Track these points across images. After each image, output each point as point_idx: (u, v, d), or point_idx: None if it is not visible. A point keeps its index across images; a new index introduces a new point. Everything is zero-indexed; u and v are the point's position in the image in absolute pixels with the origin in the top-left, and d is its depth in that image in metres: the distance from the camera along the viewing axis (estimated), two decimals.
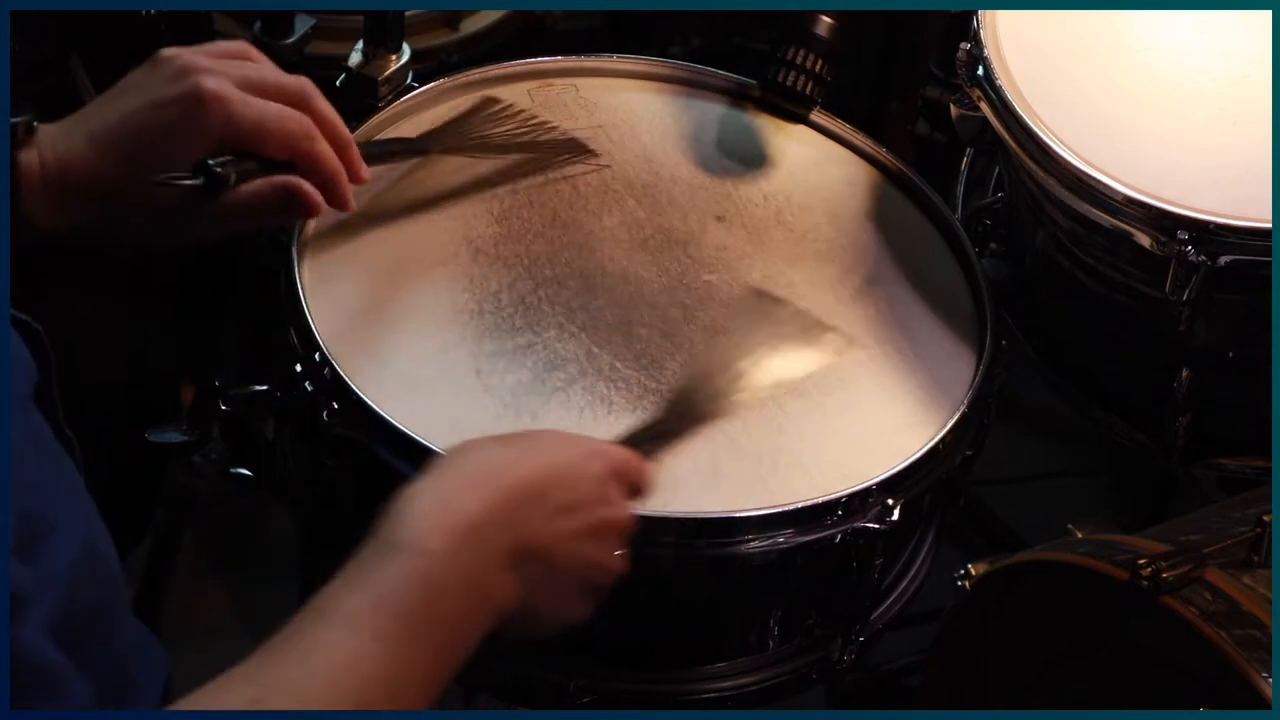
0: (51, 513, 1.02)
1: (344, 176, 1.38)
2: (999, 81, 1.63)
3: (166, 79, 1.30)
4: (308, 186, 1.35)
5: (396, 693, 1.04)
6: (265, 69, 1.36)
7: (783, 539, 1.37)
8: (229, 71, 1.32)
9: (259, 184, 1.33)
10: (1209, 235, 1.51)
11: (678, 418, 1.40)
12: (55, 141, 1.28)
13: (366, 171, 1.42)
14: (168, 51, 1.32)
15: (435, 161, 1.62)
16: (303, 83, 1.36)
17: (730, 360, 1.45)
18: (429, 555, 1.07)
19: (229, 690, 1.00)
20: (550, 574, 1.16)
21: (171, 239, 1.36)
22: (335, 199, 1.39)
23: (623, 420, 1.42)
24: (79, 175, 1.28)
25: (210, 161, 1.29)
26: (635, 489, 1.25)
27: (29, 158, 1.27)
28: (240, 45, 1.39)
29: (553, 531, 1.15)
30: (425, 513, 1.09)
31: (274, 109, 1.32)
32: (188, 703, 0.99)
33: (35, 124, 1.27)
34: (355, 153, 1.40)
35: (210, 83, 1.29)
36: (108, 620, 1.10)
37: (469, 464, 1.15)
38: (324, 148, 1.35)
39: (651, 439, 1.36)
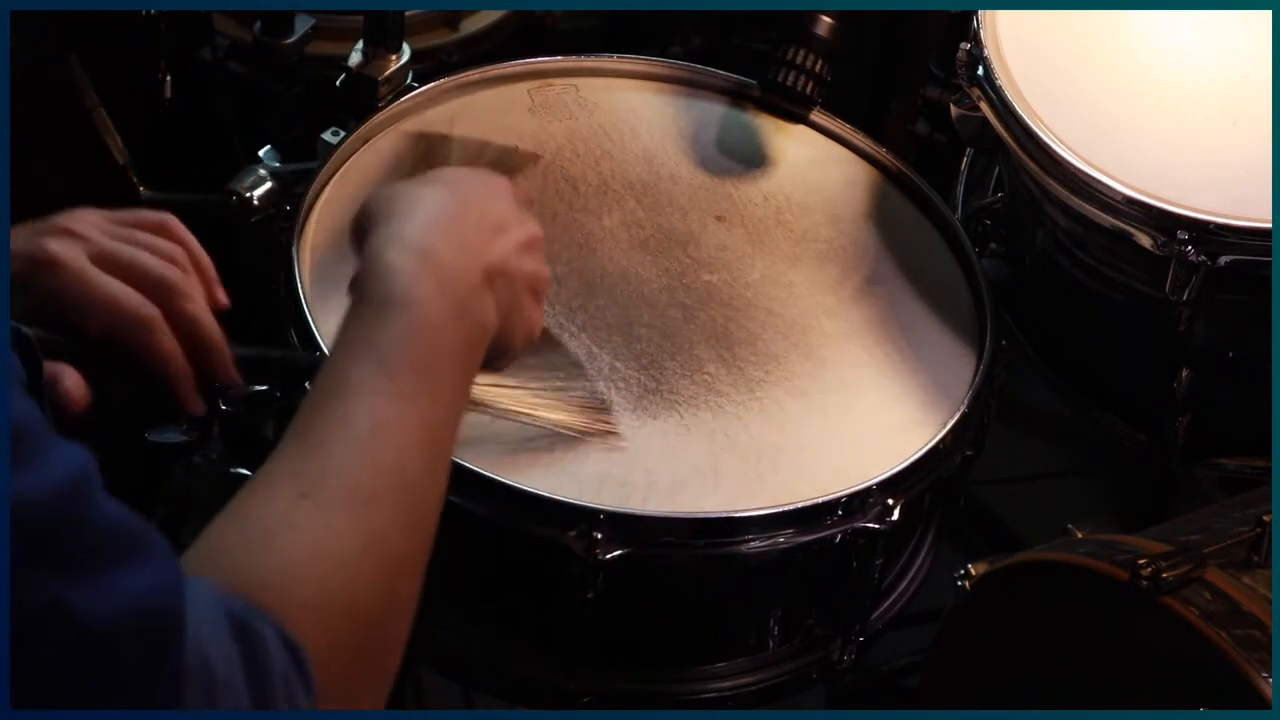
0: None
1: (185, 381, 1.21)
2: (999, 81, 1.63)
3: (32, 231, 1.17)
4: (66, 383, 1.15)
5: (431, 441, 1.06)
6: (139, 247, 1.19)
7: (783, 539, 1.37)
8: (91, 237, 1.17)
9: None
10: (1209, 235, 1.51)
11: None
12: None
13: (235, 378, 1.25)
14: (75, 210, 1.20)
15: (434, 161, 1.62)
16: (167, 274, 1.19)
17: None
18: (421, 302, 1.08)
19: (276, 490, 0.99)
20: (511, 289, 1.18)
21: None
22: (175, 398, 1.23)
23: (623, 420, 1.42)
24: None
25: (21, 327, 1.08)
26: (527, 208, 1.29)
27: None
28: (159, 218, 1.23)
29: (502, 250, 1.18)
30: (403, 263, 1.10)
31: (113, 289, 1.16)
32: (233, 512, 0.99)
33: None
34: (219, 357, 1.22)
35: (55, 246, 1.15)
36: None
37: (415, 208, 1.16)
38: (159, 343, 1.18)
39: None
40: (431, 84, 1.69)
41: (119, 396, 1.19)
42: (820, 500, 1.38)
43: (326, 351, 1.37)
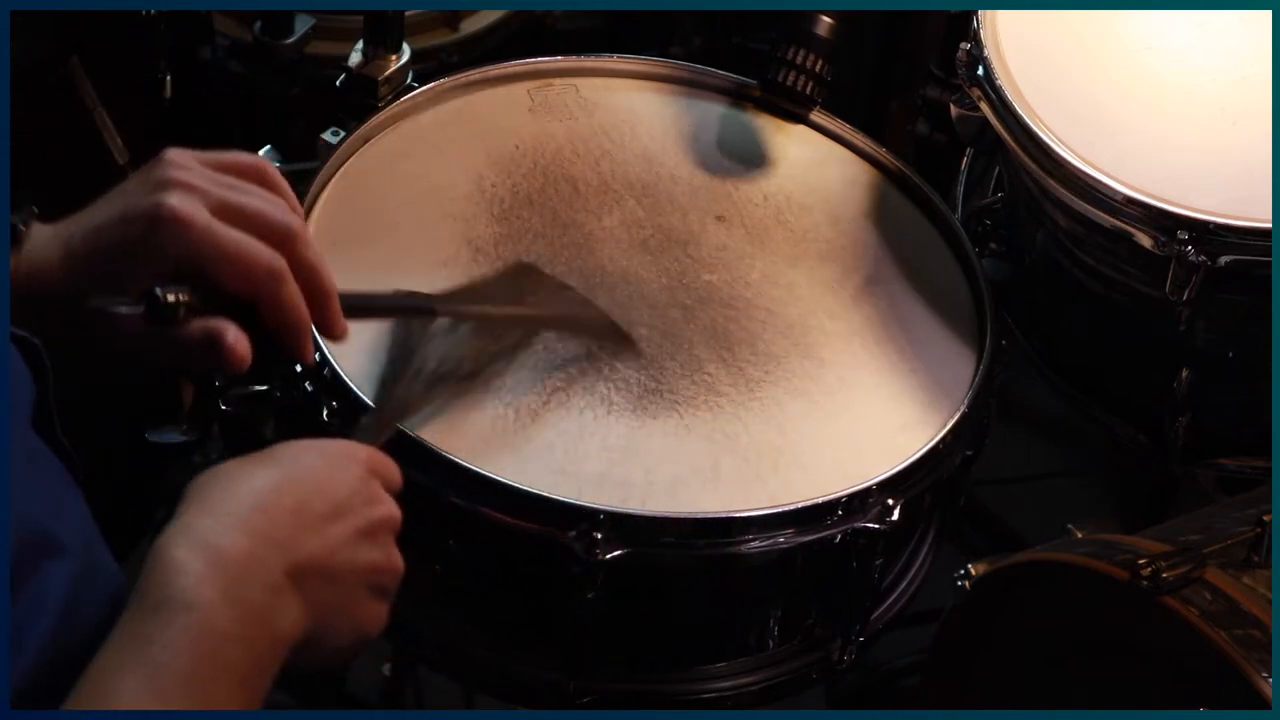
0: (54, 531, 1.02)
1: (307, 328, 1.20)
2: (999, 81, 1.63)
3: (143, 189, 1.16)
4: (229, 340, 1.15)
5: None
6: (254, 196, 1.18)
7: (783, 539, 1.37)
8: (209, 190, 1.16)
9: (193, 324, 1.14)
10: (1209, 235, 1.51)
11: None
12: (35, 247, 1.16)
13: (344, 327, 1.24)
14: (169, 153, 1.19)
15: (434, 163, 1.62)
16: (291, 222, 1.19)
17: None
18: (203, 607, 0.99)
19: None
20: (333, 587, 1.08)
21: (124, 371, 1.27)
22: (294, 348, 1.22)
23: (623, 420, 1.42)
24: (45, 288, 1.15)
25: (157, 289, 1.12)
26: (390, 484, 1.17)
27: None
28: (253, 161, 1.22)
29: (325, 543, 1.07)
30: (186, 562, 1.00)
31: (241, 241, 1.15)
32: None
33: (26, 225, 1.16)
34: (333, 307, 1.22)
35: (176, 200, 1.14)
36: (113, 625, 1.10)
37: (220, 496, 1.06)
38: (289, 293, 1.17)
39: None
40: (431, 84, 1.69)
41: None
42: (820, 500, 1.37)
43: (326, 349, 1.38)
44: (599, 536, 1.32)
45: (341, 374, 1.39)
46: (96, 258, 1.15)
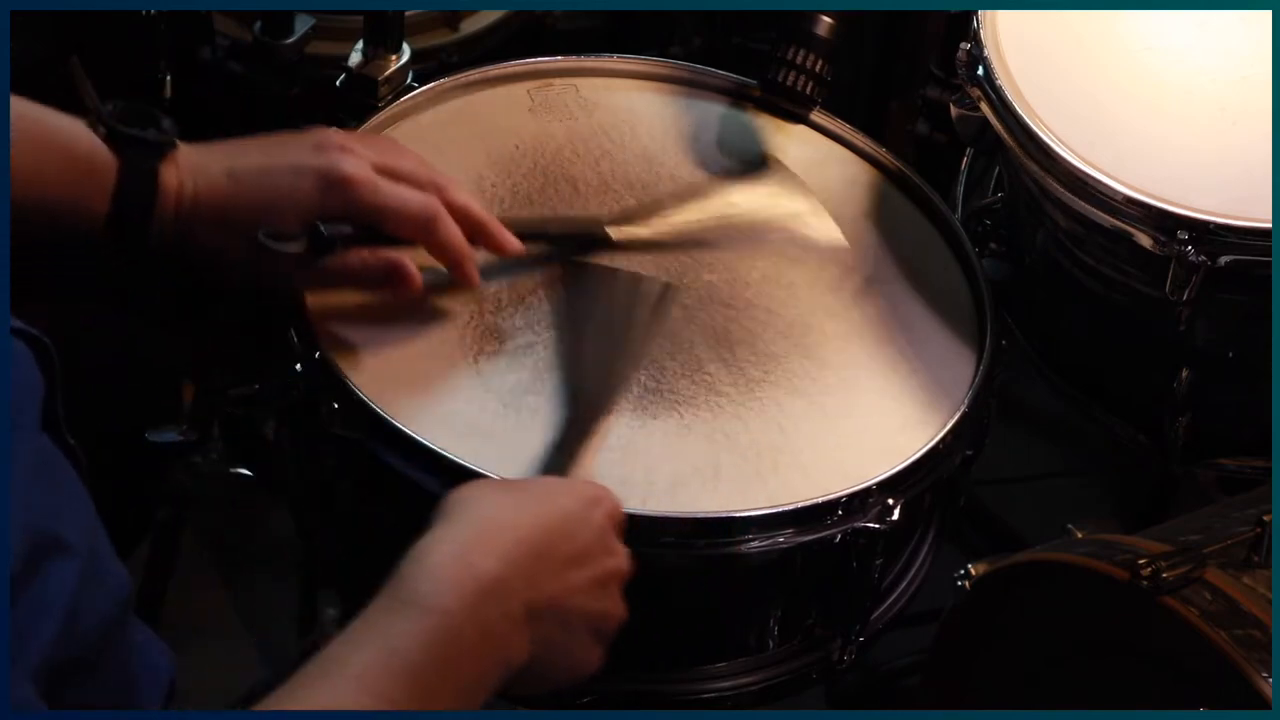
0: (59, 531, 1.02)
1: (468, 260, 1.41)
2: (999, 81, 1.63)
3: (310, 149, 1.36)
4: (409, 267, 1.39)
5: None
6: (406, 157, 1.41)
7: (783, 539, 1.37)
8: (368, 156, 1.37)
9: (365, 254, 1.38)
10: (1209, 235, 1.51)
11: (590, 415, 1.40)
12: (197, 167, 1.34)
13: (513, 243, 1.45)
14: (323, 129, 1.40)
15: (434, 163, 1.61)
16: (436, 176, 1.41)
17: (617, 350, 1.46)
18: (447, 614, 1.05)
19: None
20: (562, 628, 1.14)
21: (273, 284, 1.41)
22: (460, 278, 1.43)
23: (622, 419, 1.42)
24: (212, 206, 1.34)
25: (320, 225, 1.34)
26: (620, 530, 1.24)
27: (169, 174, 1.33)
28: (387, 139, 1.49)
29: (564, 586, 1.14)
30: (442, 568, 1.07)
31: (400, 193, 1.37)
32: None
33: (177, 141, 1.34)
34: (494, 230, 1.44)
35: (348, 165, 1.35)
36: (116, 625, 1.11)
37: (480, 516, 1.13)
38: (447, 232, 1.39)
39: (578, 440, 1.37)
40: (431, 84, 1.69)
41: None
42: (820, 500, 1.37)
43: (325, 349, 1.39)
44: None
45: (341, 374, 1.39)
46: (262, 196, 1.34)
